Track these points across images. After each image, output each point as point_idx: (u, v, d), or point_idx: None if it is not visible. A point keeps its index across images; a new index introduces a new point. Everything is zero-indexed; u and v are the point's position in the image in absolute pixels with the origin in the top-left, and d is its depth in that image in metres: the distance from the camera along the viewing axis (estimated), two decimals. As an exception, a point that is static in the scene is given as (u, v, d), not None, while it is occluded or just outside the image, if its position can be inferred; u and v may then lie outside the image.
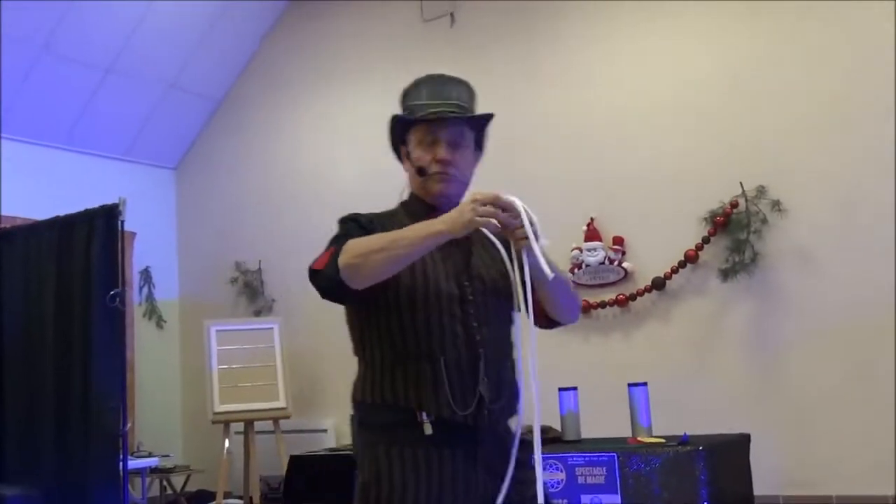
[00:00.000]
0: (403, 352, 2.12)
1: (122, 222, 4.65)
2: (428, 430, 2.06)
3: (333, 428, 6.22)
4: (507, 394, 2.14)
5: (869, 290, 4.52)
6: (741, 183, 4.83)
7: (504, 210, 1.99)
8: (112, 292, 4.48)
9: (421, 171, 2.22)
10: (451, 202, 2.16)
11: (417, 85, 2.33)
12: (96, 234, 4.65)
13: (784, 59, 4.87)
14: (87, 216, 4.74)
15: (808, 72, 4.80)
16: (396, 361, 2.12)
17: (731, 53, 5.04)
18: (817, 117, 4.75)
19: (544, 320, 2.24)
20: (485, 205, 1.97)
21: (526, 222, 2.00)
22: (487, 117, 2.27)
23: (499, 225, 2.00)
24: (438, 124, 2.21)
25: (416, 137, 2.24)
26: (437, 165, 2.20)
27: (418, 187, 2.24)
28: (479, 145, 2.31)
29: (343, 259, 2.07)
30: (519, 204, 2.02)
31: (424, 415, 2.05)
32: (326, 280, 2.10)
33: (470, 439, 2.09)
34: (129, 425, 4.66)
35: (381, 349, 2.16)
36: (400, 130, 2.29)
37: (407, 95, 2.33)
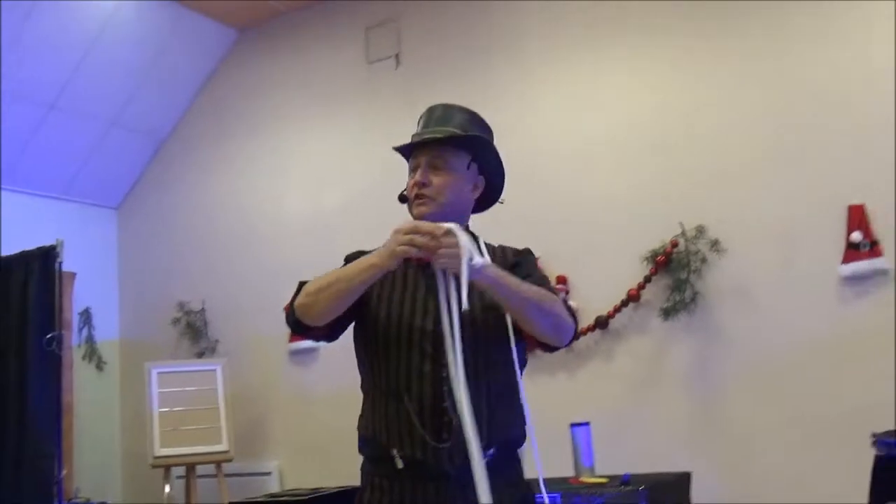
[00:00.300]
0: (379, 388, 2.18)
1: (60, 264, 4.60)
2: (399, 464, 2.12)
3: (277, 470, 6.13)
4: (492, 431, 2.12)
5: (807, 327, 4.60)
6: (681, 223, 4.91)
7: (431, 235, 1.99)
8: (49, 336, 4.42)
9: (402, 199, 2.27)
10: None
11: (421, 117, 2.36)
12: (33, 277, 4.59)
13: (723, 100, 4.98)
14: (24, 258, 4.68)
15: (745, 112, 4.91)
16: (376, 397, 2.19)
17: (671, 95, 5.14)
18: (754, 157, 4.85)
19: (536, 343, 2.21)
20: (407, 234, 1.99)
21: (462, 240, 1.98)
22: (463, 137, 2.26)
23: (420, 253, 2.01)
24: (418, 150, 2.25)
25: (409, 168, 2.30)
26: (414, 188, 2.22)
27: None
28: (484, 170, 2.31)
29: (299, 299, 2.14)
30: (447, 226, 2.01)
31: (395, 450, 2.10)
32: (288, 319, 2.19)
33: (442, 476, 2.10)
34: (65, 472, 4.56)
35: (367, 384, 2.24)
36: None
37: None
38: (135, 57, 6.48)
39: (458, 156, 2.25)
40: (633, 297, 5.04)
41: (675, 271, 4.92)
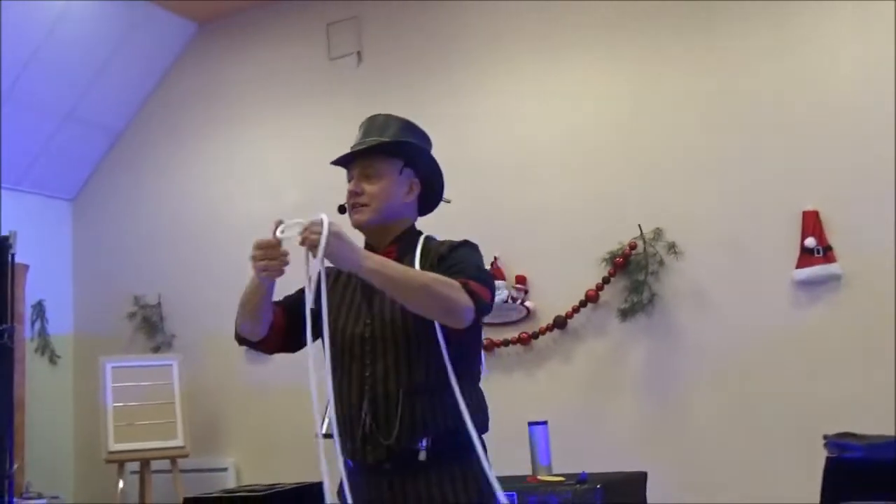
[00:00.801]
0: (332, 390, 2.25)
1: (13, 255, 4.51)
2: (349, 463, 2.24)
3: (234, 466, 6.09)
4: (400, 429, 2.18)
5: (760, 328, 4.68)
6: (640, 225, 4.96)
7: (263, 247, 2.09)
8: (1, 328, 4.34)
9: (341, 209, 2.37)
10: (374, 230, 2.35)
11: (360, 127, 2.47)
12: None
13: (678, 104, 5.04)
14: (-22, 248, 4.59)
15: (701, 116, 4.98)
16: (332, 399, 2.26)
17: (630, 97, 5.19)
18: (710, 161, 4.92)
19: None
20: (255, 252, 2.11)
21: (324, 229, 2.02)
22: (390, 144, 2.36)
23: (270, 265, 2.10)
24: (351, 163, 2.37)
25: (347, 179, 2.41)
26: (350, 198, 2.35)
27: None
28: (420, 173, 2.42)
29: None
30: (300, 222, 2.06)
31: (341, 450, 2.15)
32: (235, 335, 2.41)
33: (377, 471, 2.21)
34: (16, 466, 4.49)
35: None
36: None
37: None
38: (92, 48, 6.38)
39: (390, 162, 2.35)
40: (591, 298, 5.08)
41: (633, 273, 4.97)
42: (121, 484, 5.59)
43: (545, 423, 4.24)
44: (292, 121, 6.30)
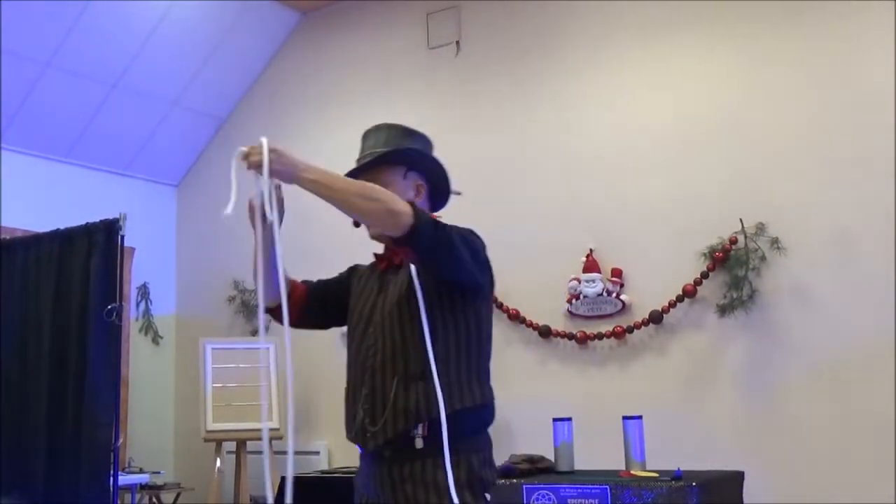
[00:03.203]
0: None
1: (122, 237, 4.65)
2: (358, 449, 2.39)
3: (326, 450, 6.19)
4: (394, 416, 2.25)
5: (866, 327, 4.53)
6: (741, 219, 4.85)
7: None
8: (109, 307, 4.49)
9: (356, 223, 2.47)
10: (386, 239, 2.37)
11: (363, 138, 2.58)
12: (96, 249, 4.65)
13: (787, 99, 4.90)
14: (87, 230, 4.75)
15: (809, 111, 4.83)
16: None
17: (736, 90, 5.07)
18: (816, 156, 4.78)
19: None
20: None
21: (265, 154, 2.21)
22: (384, 154, 2.43)
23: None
24: (357, 177, 2.42)
25: None
26: None
27: None
28: (425, 173, 2.48)
29: None
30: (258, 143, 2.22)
31: (349, 436, 2.36)
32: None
33: (377, 456, 2.31)
34: (121, 441, 4.64)
35: None
36: None
37: None
38: (198, 39, 6.55)
39: (393, 170, 2.44)
40: (688, 293, 4.99)
41: (732, 268, 4.86)
42: (218, 462, 5.73)
43: (640, 417, 4.19)
44: (391, 108, 6.33)
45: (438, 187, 2.54)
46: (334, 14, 6.73)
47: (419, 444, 2.23)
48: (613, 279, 5.23)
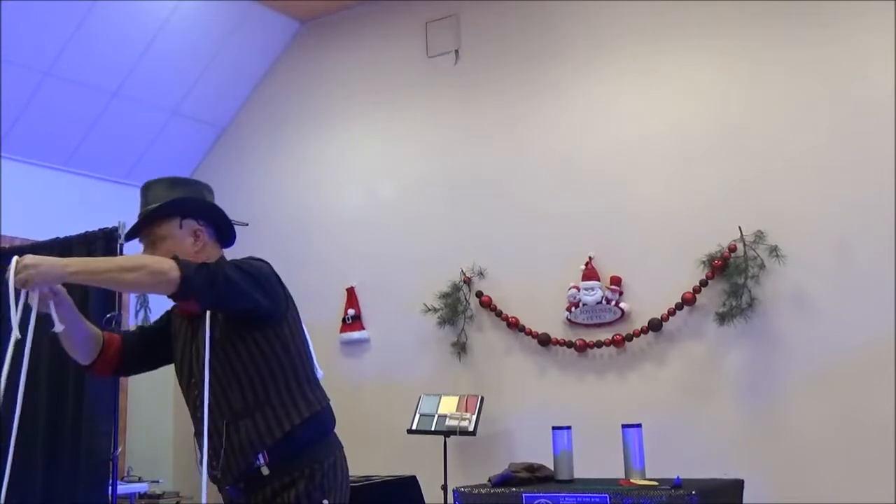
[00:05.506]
0: None
1: (122, 246, 4.65)
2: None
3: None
4: (234, 455, 2.39)
5: (866, 335, 4.53)
6: (740, 227, 4.85)
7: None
8: (108, 315, 4.49)
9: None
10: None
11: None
12: (95, 257, 4.65)
13: (784, 106, 4.91)
14: (86, 238, 4.76)
15: (805, 119, 4.84)
16: None
17: (734, 98, 5.08)
18: (814, 164, 4.78)
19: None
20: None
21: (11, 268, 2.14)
22: (153, 211, 2.49)
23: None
24: (137, 236, 2.55)
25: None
26: None
27: None
28: (200, 217, 2.56)
29: None
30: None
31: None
32: None
33: (239, 492, 2.45)
34: (119, 450, 4.64)
35: None
36: None
37: None
38: (197, 47, 6.56)
39: (167, 223, 2.52)
40: (688, 301, 4.99)
41: (731, 276, 4.86)
42: (217, 472, 5.71)
43: (639, 425, 4.18)
44: (391, 117, 6.36)
45: (220, 225, 2.62)
46: (333, 23, 6.74)
47: (265, 471, 2.37)
48: (613, 287, 5.23)
